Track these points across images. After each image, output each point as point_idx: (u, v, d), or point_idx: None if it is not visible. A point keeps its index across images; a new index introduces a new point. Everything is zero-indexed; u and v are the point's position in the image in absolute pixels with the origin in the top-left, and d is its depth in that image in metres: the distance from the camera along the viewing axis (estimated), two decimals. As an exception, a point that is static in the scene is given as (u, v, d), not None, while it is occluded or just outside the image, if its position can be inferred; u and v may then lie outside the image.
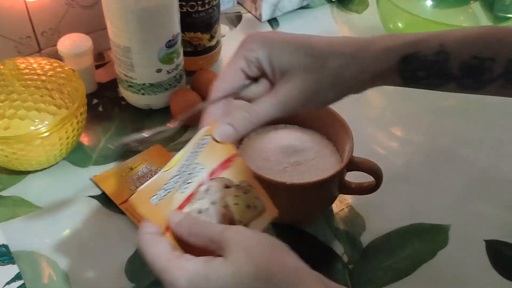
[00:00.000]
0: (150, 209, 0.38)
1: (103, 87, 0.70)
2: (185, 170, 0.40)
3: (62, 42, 0.64)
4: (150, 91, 0.64)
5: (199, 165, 0.40)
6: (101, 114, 0.66)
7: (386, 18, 0.75)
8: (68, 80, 0.57)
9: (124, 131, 0.64)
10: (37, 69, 0.57)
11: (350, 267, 0.51)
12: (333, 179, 0.48)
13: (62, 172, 0.59)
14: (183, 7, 0.65)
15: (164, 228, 0.38)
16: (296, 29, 0.82)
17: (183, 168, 0.40)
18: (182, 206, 0.39)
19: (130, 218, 0.54)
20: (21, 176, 0.58)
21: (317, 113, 0.55)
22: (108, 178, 0.57)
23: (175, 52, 0.62)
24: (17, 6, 0.64)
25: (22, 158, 0.55)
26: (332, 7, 0.87)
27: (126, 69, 0.62)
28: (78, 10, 0.70)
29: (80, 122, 0.58)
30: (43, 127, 0.53)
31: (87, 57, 0.65)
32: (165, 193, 0.39)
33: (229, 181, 0.41)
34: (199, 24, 0.68)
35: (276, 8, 0.82)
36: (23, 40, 0.67)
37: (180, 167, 0.40)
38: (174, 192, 0.39)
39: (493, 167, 0.61)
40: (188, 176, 0.40)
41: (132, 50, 0.60)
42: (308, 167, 0.51)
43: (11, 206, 0.55)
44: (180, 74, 0.66)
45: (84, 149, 0.62)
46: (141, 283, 0.49)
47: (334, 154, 0.54)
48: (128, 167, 0.58)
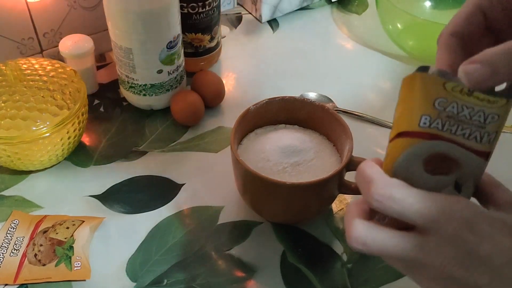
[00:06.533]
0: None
1: (104, 88, 0.70)
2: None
3: (64, 43, 0.64)
4: (151, 92, 0.64)
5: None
6: (102, 115, 0.67)
7: (386, 19, 0.75)
8: (69, 81, 0.57)
9: (125, 132, 0.64)
10: (39, 70, 0.57)
11: (349, 266, 0.51)
12: (332, 179, 0.49)
13: (64, 172, 0.59)
14: (183, 8, 0.66)
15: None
16: (296, 30, 0.82)
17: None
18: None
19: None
20: (23, 176, 0.59)
21: (317, 113, 0.55)
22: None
23: (176, 53, 0.63)
24: (19, 7, 0.65)
25: (24, 158, 0.55)
26: (332, 8, 0.87)
27: (127, 70, 0.63)
28: (79, 12, 0.70)
29: (82, 123, 0.58)
30: (45, 127, 0.53)
31: (89, 58, 0.66)
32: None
33: None
34: (200, 25, 0.68)
35: (276, 9, 0.82)
36: (25, 41, 0.68)
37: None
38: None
39: (493, 167, 0.61)
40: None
41: (133, 51, 0.60)
42: (307, 167, 0.51)
43: (13, 205, 0.55)
44: (181, 75, 0.66)
45: (86, 149, 0.62)
46: (142, 283, 0.50)
47: (334, 154, 0.54)
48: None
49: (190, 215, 0.55)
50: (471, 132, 0.31)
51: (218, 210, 0.56)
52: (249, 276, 0.50)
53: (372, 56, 0.77)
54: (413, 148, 0.32)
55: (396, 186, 0.31)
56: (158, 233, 0.54)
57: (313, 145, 0.53)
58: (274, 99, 0.55)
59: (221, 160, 0.61)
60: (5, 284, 0.48)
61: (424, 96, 0.31)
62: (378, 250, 0.31)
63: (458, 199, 0.31)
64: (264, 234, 0.54)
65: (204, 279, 0.50)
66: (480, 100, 0.31)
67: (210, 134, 0.65)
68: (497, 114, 0.31)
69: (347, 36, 0.81)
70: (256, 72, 0.74)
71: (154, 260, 0.51)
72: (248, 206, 0.55)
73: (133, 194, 0.57)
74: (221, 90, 0.67)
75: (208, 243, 0.53)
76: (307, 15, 0.85)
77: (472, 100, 0.31)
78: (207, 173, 0.60)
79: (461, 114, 0.31)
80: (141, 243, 0.53)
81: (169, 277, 0.50)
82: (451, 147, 0.32)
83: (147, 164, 0.61)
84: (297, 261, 0.51)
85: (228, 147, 0.62)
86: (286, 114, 0.56)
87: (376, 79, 0.73)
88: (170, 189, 0.58)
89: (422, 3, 0.81)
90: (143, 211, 0.56)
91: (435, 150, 0.32)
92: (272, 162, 0.51)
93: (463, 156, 0.32)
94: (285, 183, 0.48)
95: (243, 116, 0.53)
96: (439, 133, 0.31)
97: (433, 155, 0.32)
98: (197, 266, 0.51)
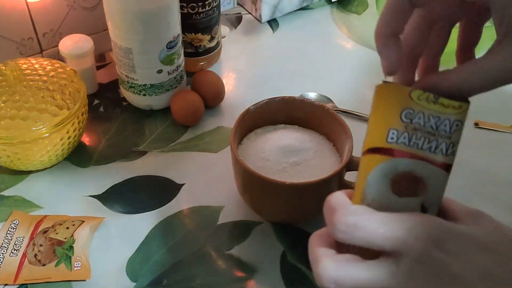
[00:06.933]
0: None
1: (104, 88, 0.70)
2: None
3: (64, 43, 0.64)
4: (151, 92, 0.64)
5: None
6: (102, 115, 0.67)
7: (386, 19, 0.75)
8: (69, 81, 0.57)
9: (125, 132, 0.64)
10: (38, 70, 0.57)
11: (349, 266, 0.51)
12: (332, 179, 0.49)
13: (64, 172, 0.59)
14: (183, 8, 0.66)
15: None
16: (295, 30, 0.82)
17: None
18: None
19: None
20: (23, 176, 0.59)
21: (316, 113, 0.55)
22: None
23: (176, 53, 0.63)
24: (19, 7, 0.65)
25: (24, 158, 0.55)
26: (332, 8, 0.87)
27: (127, 70, 0.63)
28: (79, 11, 0.70)
29: (81, 123, 0.58)
30: (45, 127, 0.53)
31: (89, 58, 0.66)
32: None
33: None
34: (200, 25, 0.68)
35: (276, 9, 0.82)
36: (25, 41, 0.68)
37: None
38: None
39: (493, 167, 0.62)
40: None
41: (133, 51, 0.60)
42: (307, 167, 0.51)
43: (13, 206, 0.55)
44: (180, 75, 0.66)
45: (86, 149, 0.62)
46: (142, 283, 0.50)
47: (334, 154, 0.54)
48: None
49: (190, 215, 0.55)
50: (437, 145, 0.31)
51: (218, 210, 0.56)
52: (249, 276, 0.50)
53: (372, 56, 0.77)
54: (381, 167, 0.31)
55: (359, 213, 0.30)
56: (158, 233, 0.54)
57: (312, 145, 0.53)
58: (274, 99, 0.55)
59: (221, 160, 0.61)
60: (5, 284, 0.48)
61: (391, 107, 0.31)
62: (350, 286, 0.30)
63: (423, 217, 0.30)
64: (264, 234, 0.54)
65: (204, 279, 0.50)
66: (445, 107, 0.30)
67: (210, 134, 0.65)
68: (460, 120, 0.31)
69: (347, 36, 0.81)
70: (256, 72, 0.74)
71: (154, 260, 0.51)
72: (248, 206, 0.55)
73: (133, 194, 0.57)
74: (221, 90, 0.67)
75: (208, 243, 0.53)
76: (307, 15, 0.85)
77: (438, 108, 0.30)
78: (207, 173, 0.60)
79: (427, 125, 0.31)
80: (141, 243, 0.53)
81: (169, 277, 0.50)
82: (417, 164, 0.31)
83: (147, 164, 0.61)
84: (297, 260, 0.51)
85: (228, 147, 0.62)
86: (286, 114, 0.56)
87: (376, 79, 0.73)
88: (170, 189, 0.58)
89: (422, 3, 0.81)
90: (143, 211, 0.56)
91: (402, 168, 0.31)
92: (271, 162, 0.51)
93: (429, 173, 0.31)
94: (284, 183, 0.48)
95: (243, 116, 0.53)
96: (405, 149, 0.31)
97: (400, 174, 0.31)
98: (197, 266, 0.51)
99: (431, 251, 0.29)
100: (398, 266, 0.29)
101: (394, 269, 0.29)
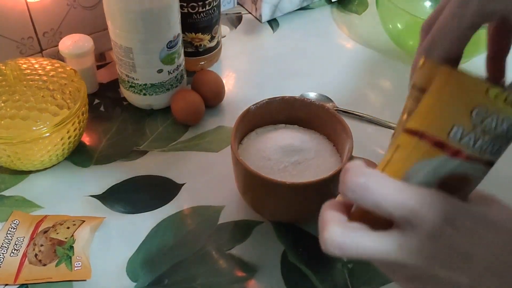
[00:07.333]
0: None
1: (104, 87, 0.70)
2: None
3: (64, 43, 0.64)
4: (151, 92, 0.64)
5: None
6: (102, 114, 0.67)
7: (386, 19, 0.75)
8: (69, 81, 0.57)
9: (125, 131, 0.64)
10: (38, 69, 0.57)
11: (349, 266, 0.51)
12: (333, 179, 0.49)
13: (64, 172, 0.59)
14: (184, 8, 0.66)
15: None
16: (296, 30, 0.82)
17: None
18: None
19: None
20: (23, 176, 0.59)
21: (317, 113, 0.55)
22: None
23: (176, 52, 0.63)
24: (19, 7, 0.65)
25: (24, 158, 0.55)
26: (332, 8, 0.87)
27: (127, 69, 0.63)
28: (79, 11, 0.70)
29: (82, 122, 0.58)
30: (45, 127, 0.53)
31: (89, 58, 0.66)
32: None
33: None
34: (200, 25, 0.68)
35: (276, 9, 0.82)
36: (25, 41, 0.68)
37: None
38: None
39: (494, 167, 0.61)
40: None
41: (133, 50, 0.60)
42: (308, 167, 0.51)
43: (14, 206, 0.55)
44: (181, 74, 0.66)
45: (86, 149, 0.62)
46: (142, 283, 0.50)
47: (334, 154, 0.54)
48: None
49: (191, 214, 0.55)
50: (499, 149, 0.28)
51: (218, 210, 0.56)
52: (249, 276, 0.50)
53: (372, 56, 0.77)
54: (435, 162, 0.28)
55: (372, 175, 0.29)
56: (159, 233, 0.54)
57: (313, 145, 0.53)
58: (274, 99, 0.55)
59: (222, 160, 0.61)
60: (5, 284, 0.48)
61: (461, 100, 0.27)
62: (355, 254, 0.29)
63: (439, 194, 0.28)
64: (264, 233, 0.54)
65: (205, 279, 0.50)
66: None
67: (211, 134, 0.64)
68: None
69: (347, 36, 0.81)
70: (256, 72, 0.74)
71: (154, 260, 0.51)
72: (249, 205, 0.55)
73: (133, 194, 0.57)
74: (221, 89, 0.67)
75: (208, 243, 0.53)
76: (307, 14, 0.85)
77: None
78: (207, 173, 0.60)
79: (499, 129, 0.27)
80: (142, 243, 0.53)
81: (169, 277, 0.50)
82: (474, 167, 0.28)
83: (148, 163, 0.60)
84: (297, 260, 0.51)
85: (228, 146, 0.62)
86: (286, 114, 0.56)
87: (376, 79, 0.73)
88: (170, 189, 0.58)
89: (422, 2, 0.81)
90: (143, 211, 0.56)
91: (459, 170, 0.28)
92: (272, 161, 0.51)
93: (480, 173, 0.29)
94: (285, 183, 0.48)
95: (243, 115, 0.53)
96: (467, 151, 0.27)
97: (453, 174, 0.28)
98: (197, 266, 0.51)
99: (443, 227, 0.28)
100: (407, 240, 0.28)
101: (402, 242, 0.28)
